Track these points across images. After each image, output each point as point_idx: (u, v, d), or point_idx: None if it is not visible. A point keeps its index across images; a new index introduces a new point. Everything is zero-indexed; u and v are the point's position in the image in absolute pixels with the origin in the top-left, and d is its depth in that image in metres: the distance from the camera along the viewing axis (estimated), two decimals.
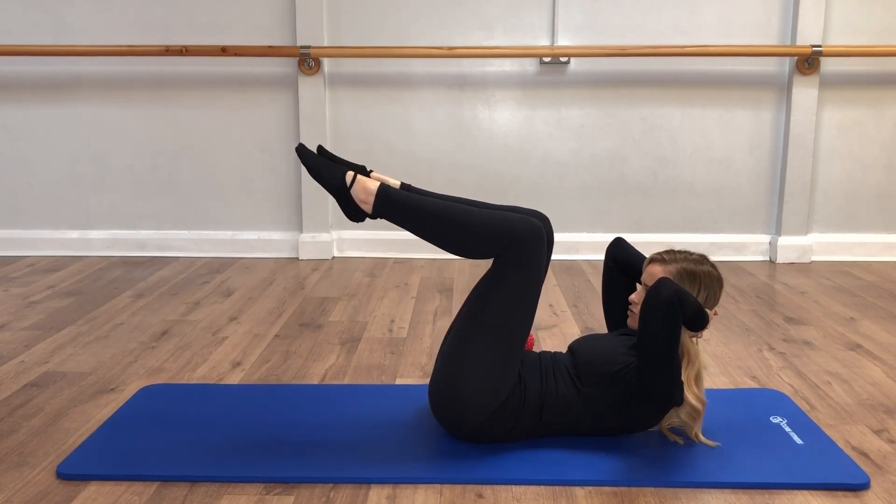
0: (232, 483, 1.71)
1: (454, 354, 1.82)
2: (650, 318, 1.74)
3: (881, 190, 3.86)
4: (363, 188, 1.81)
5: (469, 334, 1.81)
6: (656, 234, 3.87)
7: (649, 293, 1.77)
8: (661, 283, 1.76)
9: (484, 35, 3.75)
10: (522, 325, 1.83)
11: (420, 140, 3.85)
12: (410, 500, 1.66)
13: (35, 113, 3.86)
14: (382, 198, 1.81)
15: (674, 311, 1.73)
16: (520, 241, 1.77)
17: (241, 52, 3.65)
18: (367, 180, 1.82)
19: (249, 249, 3.93)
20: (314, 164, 1.85)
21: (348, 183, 1.82)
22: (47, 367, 2.40)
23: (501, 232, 1.78)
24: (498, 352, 1.80)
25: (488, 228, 1.78)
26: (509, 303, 1.80)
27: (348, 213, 1.85)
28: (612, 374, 1.81)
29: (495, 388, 1.79)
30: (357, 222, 1.87)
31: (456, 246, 1.83)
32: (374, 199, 1.80)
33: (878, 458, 1.85)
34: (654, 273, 1.88)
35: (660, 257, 1.90)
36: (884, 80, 3.76)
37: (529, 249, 1.78)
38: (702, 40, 3.70)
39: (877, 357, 2.53)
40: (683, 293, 1.75)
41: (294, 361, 2.48)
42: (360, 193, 1.81)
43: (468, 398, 1.79)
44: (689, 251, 1.94)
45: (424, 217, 1.81)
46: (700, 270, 1.88)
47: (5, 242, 3.93)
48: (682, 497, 1.67)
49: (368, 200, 1.81)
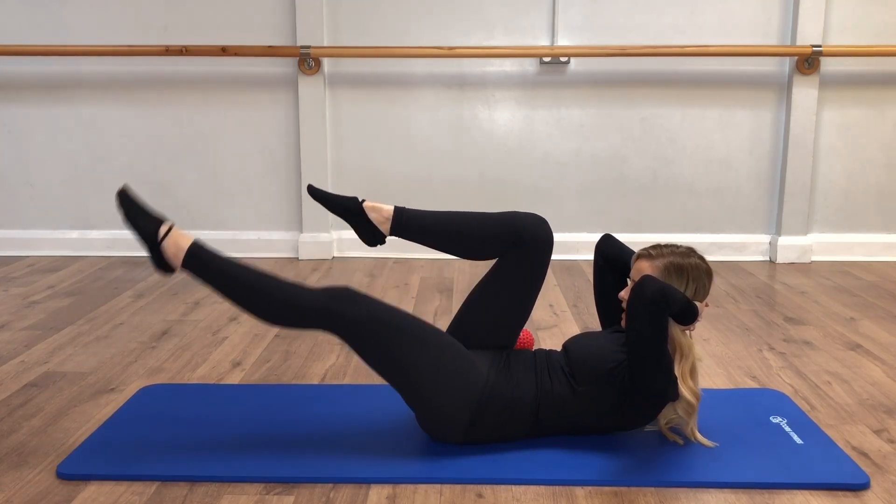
0: (232, 483, 1.71)
1: (406, 388, 1.82)
2: (636, 317, 1.73)
3: (881, 190, 3.86)
4: (174, 243, 1.84)
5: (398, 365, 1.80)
6: (656, 234, 3.86)
7: (633, 291, 1.76)
8: (645, 281, 1.75)
9: (484, 35, 3.75)
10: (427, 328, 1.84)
11: (420, 140, 3.85)
12: (410, 500, 1.66)
13: (35, 113, 3.86)
14: (190, 256, 1.83)
15: (659, 308, 1.71)
16: None
17: (241, 52, 3.65)
18: (180, 236, 1.84)
19: (249, 249, 3.93)
20: (130, 211, 1.87)
21: (160, 237, 1.84)
22: (47, 367, 2.40)
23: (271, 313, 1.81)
24: (434, 360, 1.79)
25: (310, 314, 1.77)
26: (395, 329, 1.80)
27: (155, 265, 1.87)
28: (605, 371, 1.80)
29: (462, 387, 1.78)
30: (163, 274, 1.89)
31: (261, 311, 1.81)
32: (183, 255, 1.83)
33: (878, 458, 1.85)
34: (642, 269, 1.87)
35: (646, 252, 1.89)
36: (884, 80, 3.76)
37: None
38: (702, 40, 3.70)
39: (877, 357, 2.53)
40: (668, 289, 1.73)
41: (294, 361, 2.48)
42: (170, 248, 1.84)
43: (442, 410, 1.79)
44: (676, 245, 1.91)
45: (227, 281, 1.82)
46: (687, 263, 1.86)
47: (5, 242, 3.93)
48: (682, 497, 1.67)
49: (178, 255, 1.83)
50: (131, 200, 1.88)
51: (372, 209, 1.97)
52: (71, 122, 3.86)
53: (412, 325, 1.82)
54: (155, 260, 1.86)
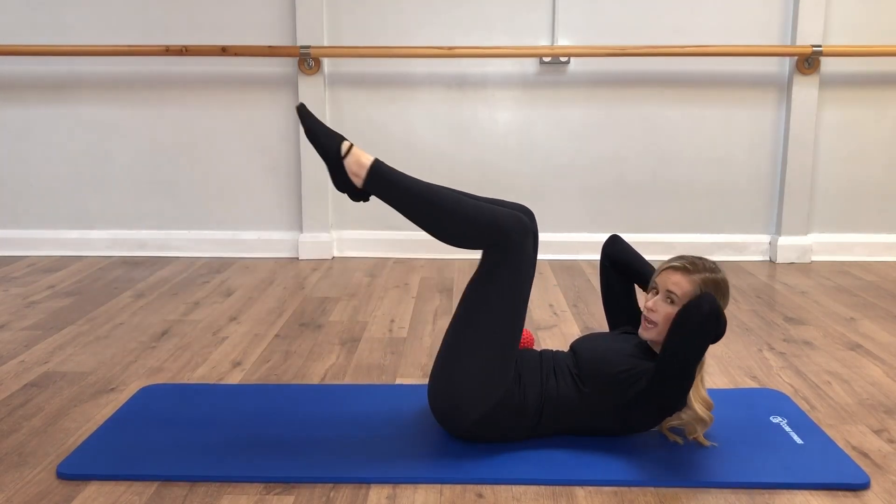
0: (232, 483, 1.71)
1: (450, 354, 1.82)
2: (686, 333, 1.70)
3: (881, 190, 3.86)
4: (357, 161, 1.79)
5: (463, 333, 1.80)
6: (656, 234, 3.87)
7: (689, 309, 1.71)
8: (704, 299, 1.70)
9: (484, 35, 3.75)
10: (515, 321, 1.82)
11: (420, 140, 3.85)
12: (410, 500, 1.66)
13: (35, 113, 3.86)
14: (374, 173, 1.78)
15: (710, 328, 1.69)
16: (507, 235, 1.75)
17: (241, 52, 3.65)
18: (362, 154, 1.80)
19: (249, 249, 3.93)
20: (313, 128, 1.83)
21: (343, 152, 1.80)
22: (47, 367, 2.40)
23: (489, 225, 1.75)
24: (492, 348, 1.79)
25: (477, 220, 1.76)
26: (500, 300, 1.78)
27: (337, 184, 1.82)
28: (615, 374, 1.80)
29: (491, 384, 1.79)
30: (343, 193, 1.84)
31: (441, 232, 1.80)
32: (365, 172, 1.78)
33: (878, 458, 1.85)
34: (678, 282, 1.80)
35: (682, 266, 1.83)
36: (884, 80, 3.76)
37: (516, 245, 1.76)
38: (702, 40, 3.70)
39: (877, 357, 2.53)
40: (720, 310, 1.71)
41: (294, 361, 2.48)
42: (352, 165, 1.79)
43: (464, 395, 1.79)
44: (702, 257, 1.88)
45: (413, 199, 1.78)
46: (720, 279, 1.83)
47: (5, 242, 3.93)
48: (682, 497, 1.67)
49: (360, 174, 1.79)
50: (312, 117, 1.84)
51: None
52: (71, 122, 3.86)
53: (522, 301, 1.80)
54: (337, 178, 1.81)
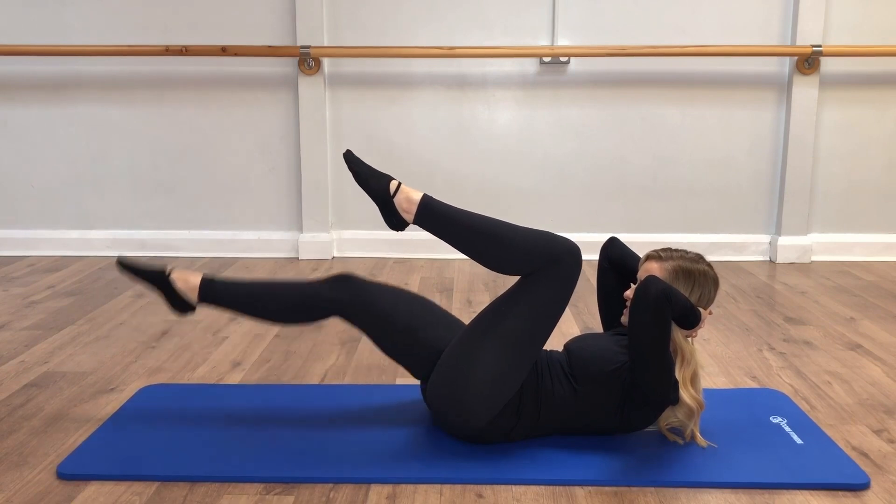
0: (232, 483, 1.71)
1: (466, 360, 1.81)
2: (639, 315, 1.74)
3: (881, 190, 3.86)
4: (406, 198, 1.87)
5: (486, 343, 1.80)
6: (656, 234, 3.87)
7: (637, 290, 1.77)
8: (649, 281, 1.76)
9: (484, 35, 3.75)
10: (540, 341, 1.84)
11: (420, 140, 3.85)
12: (410, 500, 1.66)
13: (35, 113, 3.86)
14: (424, 207, 1.86)
15: (661, 307, 1.72)
16: (558, 260, 1.80)
17: (241, 52, 3.65)
18: (411, 191, 1.88)
19: (249, 249, 3.93)
20: (361, 171, 1.91)
21: (392, 191, 1.87)
22: (47, 367, 2.40)
23: (540, 250, 1.81)
24: (512, 363, 1.80)
25: (527, 246, 1.81)
26: (533, 318, 1.81)
27: (389, 222, 1.90)
28: (607, 373, 1.81)
29: (501, 397, 1.79)
30: (397, 231, 1.93)
31: (492, 260, 1.86)
32: (416, 208, 1.86)
33: (878, 458, 1.85)
34: (650, 269, 1.88)
35: (656, 254, 1.91)
36: (884, 80, 3.76)
37: (566, 269, 1.81)
38: (702, 40, 3.70)
39: (877, 357, 2.53)
40: (671, 290, 1.75)
41: (294, 361, 2.48)
42: (403, 203, 1.87)
43: (473, 405, 1.79)
44: (686, 250, 1.94)
45: (464, 230, 1.85)
46: (695, 269, 1.88)
47: (5, 242, 3.93)
48: (682, 497, 1.67)
49: (410, 210, 1.86)
50: (358, 161, 1.91)
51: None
52: (71, 122, 3.86)
53: (553, 325, 1.84)
54: (389, 217, 1.88)
